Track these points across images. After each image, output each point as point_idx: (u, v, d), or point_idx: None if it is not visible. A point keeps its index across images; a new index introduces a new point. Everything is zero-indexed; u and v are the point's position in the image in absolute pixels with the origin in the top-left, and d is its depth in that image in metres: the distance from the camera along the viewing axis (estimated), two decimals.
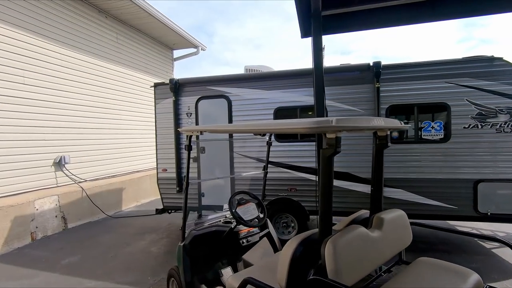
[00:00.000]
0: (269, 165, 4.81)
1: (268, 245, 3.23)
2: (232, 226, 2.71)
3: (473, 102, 3.94)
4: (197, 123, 5.01)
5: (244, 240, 2.89)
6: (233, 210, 2.55)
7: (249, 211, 2.69)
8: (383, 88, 4.19)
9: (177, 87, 5.02)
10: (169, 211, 5.40)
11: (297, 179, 4.59)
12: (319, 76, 3.22)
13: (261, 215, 2.73)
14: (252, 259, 3.05)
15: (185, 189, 2.71)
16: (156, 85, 5.23)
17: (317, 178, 3.35)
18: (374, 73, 4.16)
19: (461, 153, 4.02)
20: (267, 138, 3.40)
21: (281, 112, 4.65)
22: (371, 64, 4.18)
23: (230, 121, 4.88)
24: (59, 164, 5.92)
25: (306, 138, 4.63)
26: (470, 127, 3.97)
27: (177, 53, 10.42)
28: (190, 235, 2.83)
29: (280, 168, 4.64)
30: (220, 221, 3.08)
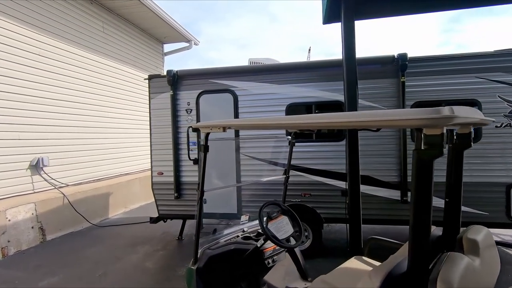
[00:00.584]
0: (279, 168, 4.38)
1: (290, 262, 2.75)
2: (259, 245, 2.21)
3: (506, 99, 3.63)
4: (198, 121, 4.46)
5: (270, 260, 2.40)
6: (265, 227, 2.04)
7: (283, 227, 2.19)
8: (408, 83, 3.81)
9: (176, 80, 4.45)
10: (165, 219, 4.82)
11: (312, 183, 4.14)
12: (351, 67, 2.78)
13: (297, 232, 2.23)
14: (276, 281, 2.56)
15: (199, 199, 2.20)
16: (150, 78, 4.63)
17: (346, 185, 2.91)
18: (399, 66, 3.77)
19: (493, 154, 3.69)
20: (289, 137, 2.92)
21: (294, 109, 4.18)
22: (396, 56, 3.79)
23: (236, 118, 4.37)
24: (36, 166, 5.18)
25: (322, 138, 4.19)
26: (503, 126, 3.65)
27: (167, 47, 9.77)
28: (204, 255, 2.31)
29: (293, 171, 4.16)
30: (238, 236, 2.57)
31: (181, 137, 4.52)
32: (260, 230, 2.68)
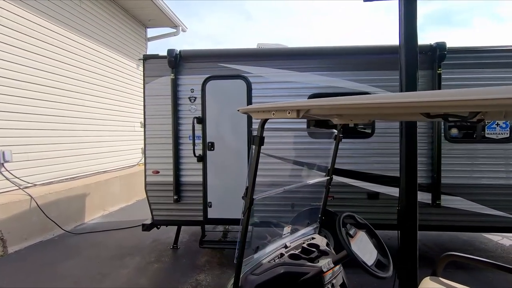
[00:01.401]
0: (298, 167, 3.88)
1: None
2: (325, 269, 1.69)
3: None
4: (203, 111, 3.81)
5: (329, 286, 1.88)
6: (352, 250, 1.51)
7: (365, 247, 1.67)
8: (445, 76, 3.48)
9: (178, 62, 3.76)
10: (158, 226, 4.12)
11: (335, 184, 3.67)
12: (411, 52, 2.34)
13: (382, 254, 1.71)
14: None
15: (247, 208, 1.65)
16: (146, 58, 3.89)
17: (399, 190, 2.48)
18: (437, 56, 3.42)
19: None
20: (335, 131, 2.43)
21: None
22: (434, 45, 3.43)
23: None
24: None
25: (348, 134, 3.74)
26: None
27: (151, 32, 8.86)
28: (248, 282, 1.75)
29: (316, 171, 3.67)
30: (283, 254, 2.03)
31: (182, 129, 3.85)
32: (304, 245, 2.17)
